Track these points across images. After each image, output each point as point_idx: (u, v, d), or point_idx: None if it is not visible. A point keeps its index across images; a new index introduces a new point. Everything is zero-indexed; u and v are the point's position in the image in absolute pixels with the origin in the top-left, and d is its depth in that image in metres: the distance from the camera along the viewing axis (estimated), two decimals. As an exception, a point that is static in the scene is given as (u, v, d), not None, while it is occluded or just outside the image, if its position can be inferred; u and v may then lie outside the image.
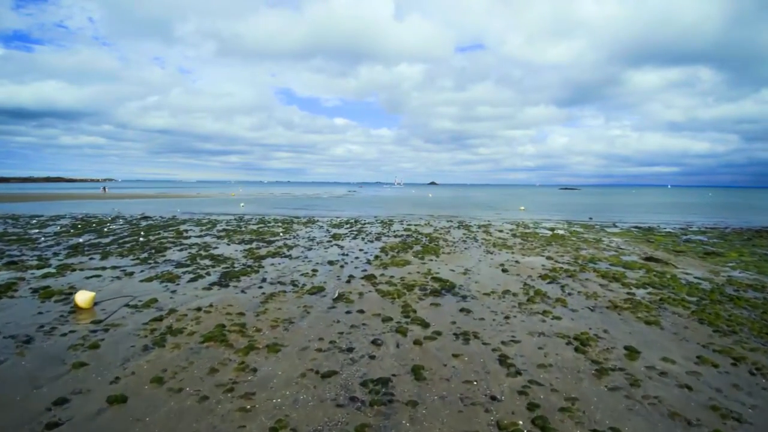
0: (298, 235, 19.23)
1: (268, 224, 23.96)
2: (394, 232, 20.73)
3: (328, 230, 21.19)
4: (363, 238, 18.11)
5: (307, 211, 35.77)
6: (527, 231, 21.84)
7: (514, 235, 19.83)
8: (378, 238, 18.07)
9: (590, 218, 31.47)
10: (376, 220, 27.08)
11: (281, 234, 19.20)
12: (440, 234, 19.98)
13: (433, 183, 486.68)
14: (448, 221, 27.34)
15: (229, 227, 22.22)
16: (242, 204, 41.79)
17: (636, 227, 25.56)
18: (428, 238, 18.22)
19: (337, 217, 29.27)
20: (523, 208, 41.66)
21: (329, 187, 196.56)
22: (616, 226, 25.65)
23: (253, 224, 24.07)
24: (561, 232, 21.91)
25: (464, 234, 20.09)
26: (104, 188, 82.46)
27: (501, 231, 21.77)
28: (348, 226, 23.54)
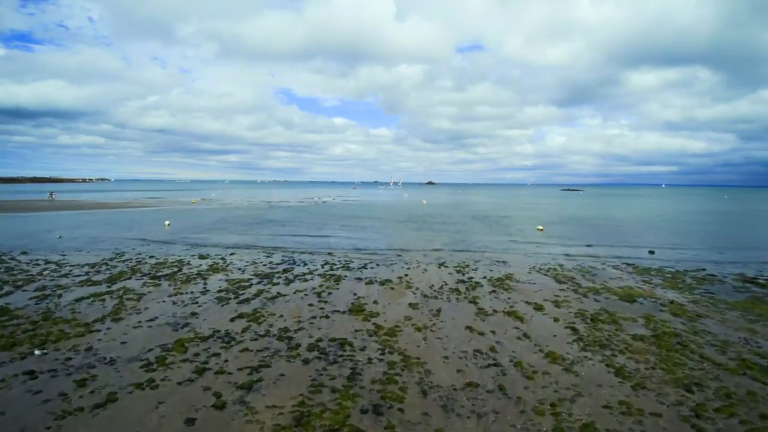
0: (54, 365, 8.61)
1: (99, 291, 13.33)
2: (330, 324, 10.07)
3: (177, 324, 10.49)
4: (217, 375, 7.47)
5: (241, 237, 25.08)
6: (591, 308, 11.25)
7: (576, 334, 9.27)
8: (253, 385, 7.38)
9: (651, 252, 21.05)
10: (322, 267, 16.41)
11: None
12: (419, 332, 9.32)
13: (430, 183, 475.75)
14: (440, 266, 16.76)
15: None
16: (167, 222, 31.23)
17: (751, 280, 15.30)
18: (388, 370, 7.60)
19: (268, 256, 18.61)
20: (541, 227, 31.17)
21: (324, 188, 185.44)
22: (719, 281, 15.22)
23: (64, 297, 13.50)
24: (657, 309, 11.38)
25: (471, 331, 9.44)
26: (51, 194, 71.38)
27: (541, 307, 11.18)
28: (253, 292, 12.85)
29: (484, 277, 14.81)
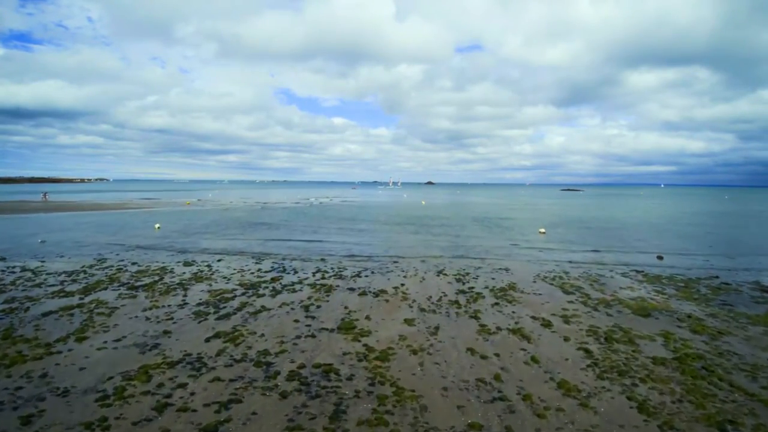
0: None
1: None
2: (315, 345, 9.10)
3: (146, 345, 9.55)
4: None
5: (231, 241, 24.13)
6: (604, 324, 10.30)
7: (590, 357, 8.34)
8: (218, 427, 6.46)
9: (660, 258, 20.13)
10: (313, 275, 15.45)
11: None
12: (415, 356, 8.35)
13: (429, 183, 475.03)
14: (439, 274, 15.80)
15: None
16: (158, 225, 30.25)
17: (772, 290, 14.41)
18: (377, 407, 6.66)
19: (257, 263, 17.66)
20: (543, 230, 30.26)
21: (323, 188, 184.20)
22: (735, 290, 14.31)
23: None
24: (675, 324, 10.43)
25: (472, 354, 8.49)
26: (44, 195, 70.25)
27: (549, 323, 10.23)
28: (235, 306, 11.87)
29: (486, 287, 13.86)
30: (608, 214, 51.03)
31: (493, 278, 15.20)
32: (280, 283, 14.04)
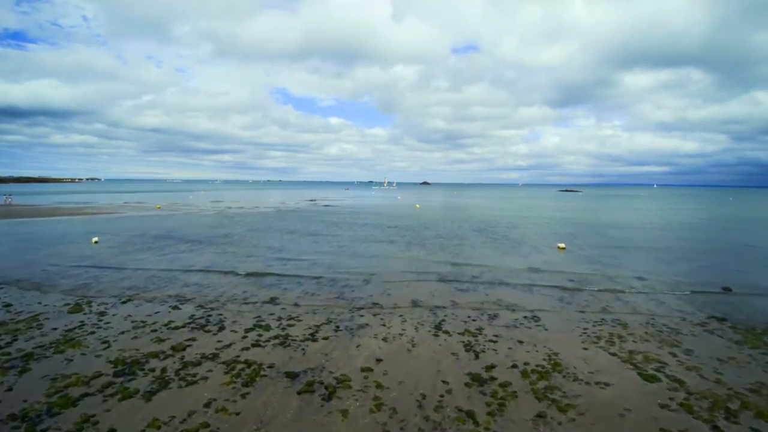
0: None
1: None
2: None
3: None
4: None
5: (162, 271, 18.72)
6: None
7: None
8: None
9: (727, 290, 15.23)
10: (243, 337, 10.10)
11: None
12: None
13: (425, 183, 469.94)
14: (436, 332, 10.52)
15: None
16: (95, 239, 24.78)
17: None
18: None
19: (174, 309, 12.29)
20: (562, 246, 25.16)
21: (317, 189, 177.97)
22: None
23: None
24: None
25: None
26: (7, 197, 64.23)
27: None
28: (66, 429, 6.53)
29: (514, 365, 8.61)
30: (620, 219, 46.01)
31: (520, 341, 9.95)
32: (181, 359, 8.68)
